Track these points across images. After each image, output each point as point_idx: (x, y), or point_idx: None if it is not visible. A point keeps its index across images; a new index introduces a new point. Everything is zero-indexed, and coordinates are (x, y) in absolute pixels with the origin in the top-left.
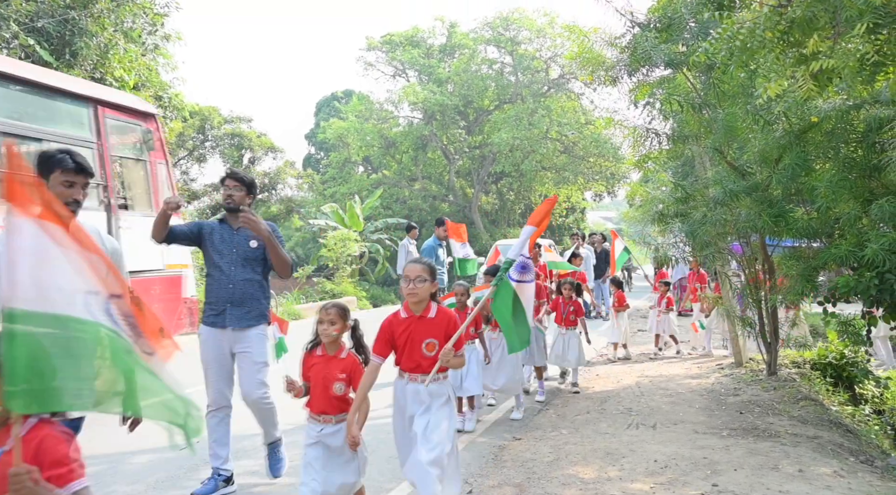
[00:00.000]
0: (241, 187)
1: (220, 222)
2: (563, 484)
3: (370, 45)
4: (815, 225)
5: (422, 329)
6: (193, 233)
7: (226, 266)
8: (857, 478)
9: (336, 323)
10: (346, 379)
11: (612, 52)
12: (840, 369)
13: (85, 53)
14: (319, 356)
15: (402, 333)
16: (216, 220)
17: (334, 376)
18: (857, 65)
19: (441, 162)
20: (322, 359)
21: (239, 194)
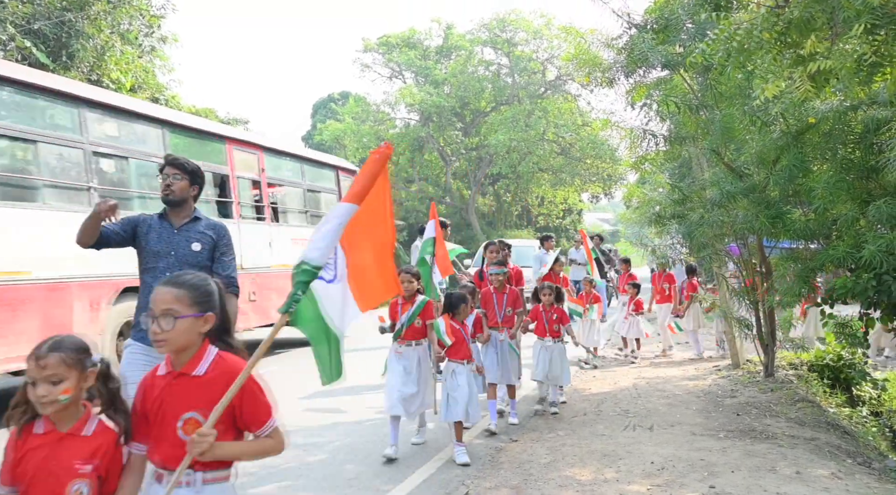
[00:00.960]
0: (181, 175)
1: (160, 218)
2: (560, 486)
3: (367, 46)
4: (812, 226)
5: (179, 395)
6: (127, 233)
7: (161, 271)
8: (854, 480)
9: (65, 378)
10: (94, 472)
11: (609, 53)
12: (837, 371)
13: (82, 55)
14: (41, 435)
15: (153, 400)
16: (156, 216)
17: (70, 468)
18: (854, 66)
19: (438, 163)
20: (47, 440)
21: (180, 184)
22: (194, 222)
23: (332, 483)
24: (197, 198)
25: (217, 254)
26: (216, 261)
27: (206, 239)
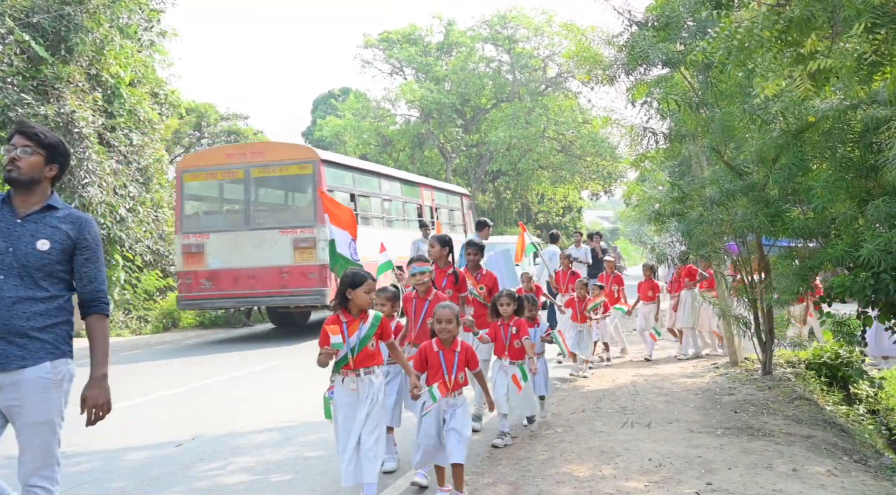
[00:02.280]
0: (32, 148)
1: (2, 203)
2: (558, 483)
3: (367, 42)
4: (811, 225)
5: None
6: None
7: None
8: (850, 477)
9: None
10: None
11: (610, 50)
12: (835, 369)
13: (80, 49)
14: None
15: None
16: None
17: None
18: (854, 64)
19: (438, 160)
20: None
21: (29, 159)
22: (47, 211)
23: (331, 477)
24: (55, 182)
25: (79, 259)
26: (76, 271)
27: (59, 235)
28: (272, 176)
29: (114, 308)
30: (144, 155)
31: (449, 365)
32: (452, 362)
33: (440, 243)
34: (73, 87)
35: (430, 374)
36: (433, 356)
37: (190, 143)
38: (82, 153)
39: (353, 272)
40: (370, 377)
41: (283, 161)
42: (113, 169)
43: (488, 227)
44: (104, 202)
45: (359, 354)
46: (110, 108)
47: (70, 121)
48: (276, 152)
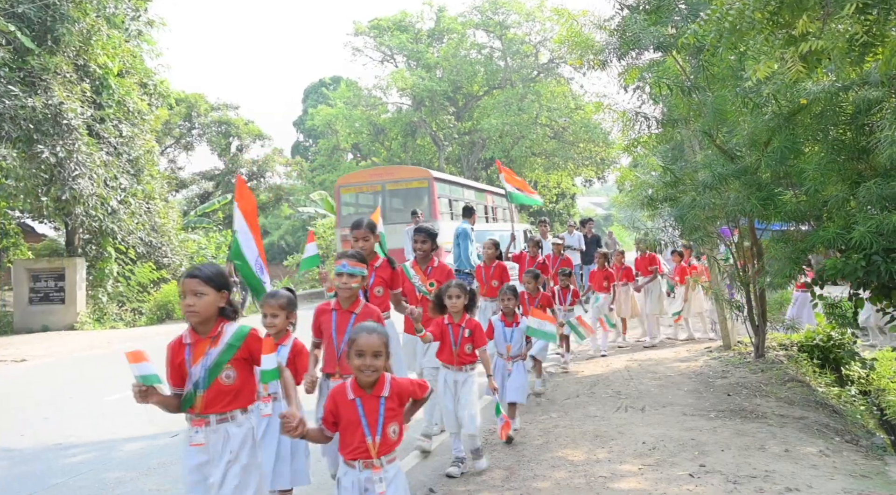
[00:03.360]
0: None
1: None
2: (553, 467)
3: (358, 30)
4: (803, 208)
5: None
6: None
7: None
8: (842, 457)
9: None
10: None
11: (601, 35)
12: (827, 351)
13: (67, 39)
14: None
15: None
16: None
17: None
18: (846, 46)
19: (430, 148)
20: None
21: None
22: None
23: None
24: None
25: None
26: None
27: None
28: (400, 188)
29: (107, 300)
30: (135, 146)
31: (456, 337)
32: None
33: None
34: (60, 78)
35: None
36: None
37: (180, 134)
38: (72, 145)
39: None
40: (228, 426)
41: (408, 178)
42: (103, 160)
43: (475, 214)
44: (95, 194)
45: (208, 391)
46: (99, 99)
47: (58, 112)
48: (403, 173)
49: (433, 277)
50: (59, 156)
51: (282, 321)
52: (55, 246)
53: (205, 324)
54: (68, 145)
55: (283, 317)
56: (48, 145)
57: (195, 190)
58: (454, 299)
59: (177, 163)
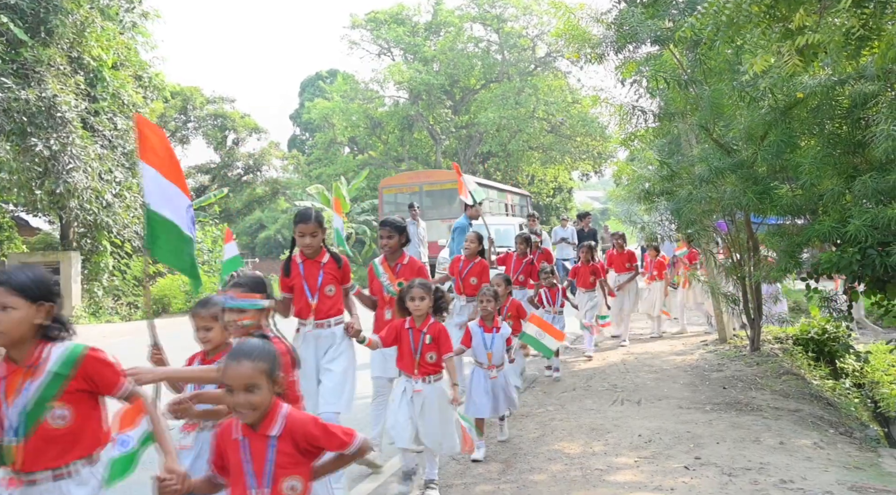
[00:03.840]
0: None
1: None
2: (549, 460)
3: (354, 23)
4: (799, 201)
5: None
6: None
7: None
8: (836, 449)
9: None
10: None
11: (599, 28)
12: (822, 344)
13: (61, 31)
14: None
15: None
16: None
17: None
18: (842, 39)
19: (427, 142)
20: None
21: None
22: None
23: None
24: None
25: None
26: None
27: None
28: (435, 189)
29: (103, 294)
30: (130, 139)
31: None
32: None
33: (397, 231)
34: (54, 70)
35: None
36: None
37: (176, 127)
38: (66, 138)
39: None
40: (65, 485)
41: (443, 180)
42: (98, 154)
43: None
44: (90, 187)
45: (29, 441)
46: (93, 92)
47: (52, 105)
48: (438, 176)
49: (402, 276)
50: (53, 149)
51: (217, 334)
52: (49, 239)
53: (17, 349)
54: (62, 138)
55: (217, 330)
56: (42, 138)
57: (191, 183)
58: (417, 301)
59: None
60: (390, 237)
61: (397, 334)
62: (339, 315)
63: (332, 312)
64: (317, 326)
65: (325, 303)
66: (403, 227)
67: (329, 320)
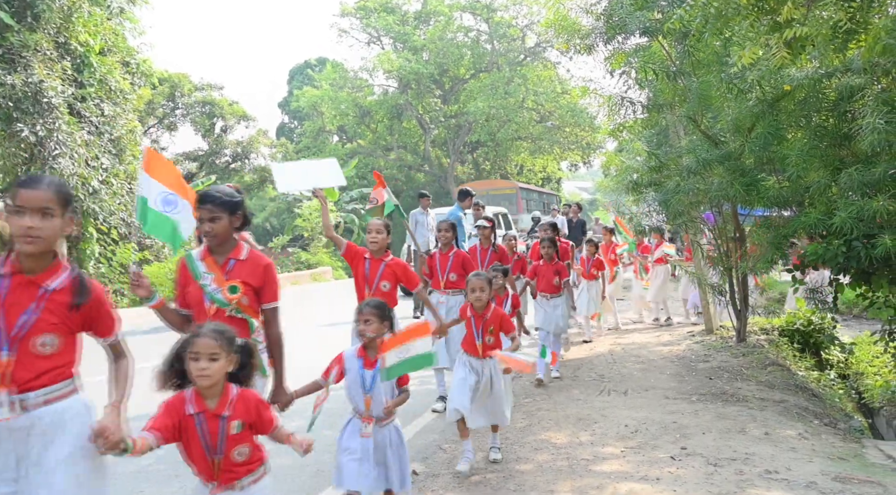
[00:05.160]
0: None
1: None
2: (536, 450)
3: (344, 11)
4: (786, 193)
5: None
6: None
7: None
8: (820, 440)
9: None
10: None
11: (588, 19)
12: (807, 335)
13: (47, 16)
14: None
15: None
16: None
17: None
18: (830, 32)
19: (416, 131)
20: None
21: None
22: None
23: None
24: None
25: None
26: None
27: None
28: (497, 194)
29: None
30: (117, 126)
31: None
32: None
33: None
34: (40, 55)
35: None
36: None
37: (164, 114)
38: (52, 124)
39: None
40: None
41: (502, 188)
42: (84, 140)
43: (471, 197)
44: (76, 174)
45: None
46: (80, 78)
47: (38, 90)
48: (498, 184)
49: (237, 276)
50: (39, 135)
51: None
52: None
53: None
54: (48, 124)
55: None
56: (28, 124)
57: (178, 170)
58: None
59: (160, 143)
60: (214, 219)
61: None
62: None
63: None
64: None
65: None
66: (236, 203)
67: None
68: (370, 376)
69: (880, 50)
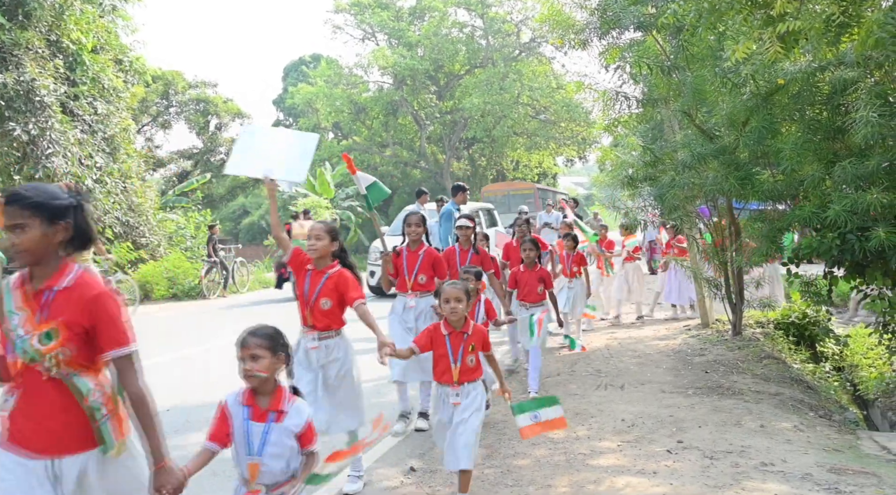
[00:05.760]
0: None
1: None
2: (533, 444)
3: (338, 7)
4: (780, 187)
5: None
6: None
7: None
8: (815, 432)
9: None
10: None
11: (582, 14)
12: (802, 328)
13: (39, 14)
14: None
15: None
16: None
17: None
18: (823, 26)
19: (412, 128)
20: None
21: None
22: None
23: None
24: None
25: None
26: None
27: None
28: (517, 194)
29: None
30: (110, 124)
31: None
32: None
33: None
34: (32, 53)
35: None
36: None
37: (157, 112)
38: (45, 123)
39: None
40: None
41: (522, 189)
42: (78, 139)
43: (465, 192)
44: (69, 173)
45: None
46: (73, 76)
47: (31, 89)
48: (519, 185)
49: (54, 315)
50: (31, 133)
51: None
52: None
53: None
54: (41, 123)
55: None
56: (20, 123)
57: (173, 169)
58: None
59: (154, 141)
60: (18, 228)
61: None
62: None
63: None
64: None
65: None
66: (57, 208)
67: None
68: (260, 433)
69: (873, 43)
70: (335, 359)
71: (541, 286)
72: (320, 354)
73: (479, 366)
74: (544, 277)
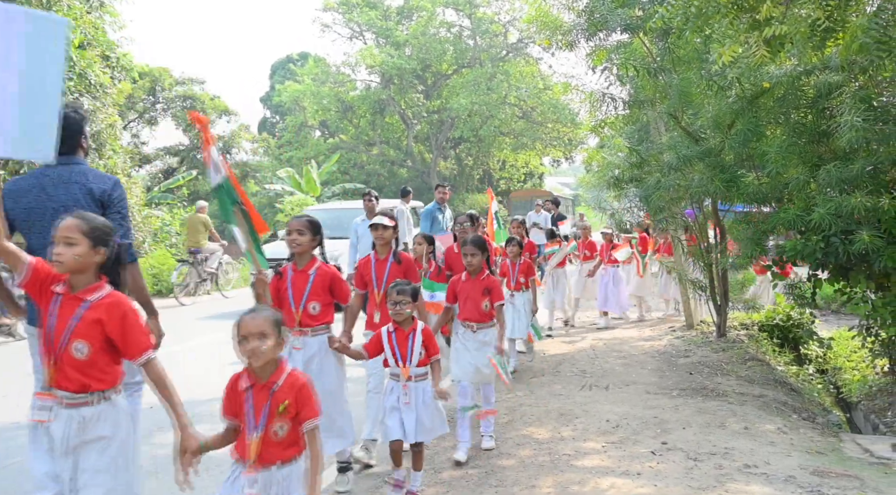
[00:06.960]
0: None
1: None
2: (518, 445)
3: (326, 5)
4: (765, 189)
5: None
6: None
7: None
8: (799, 434)
9: None
10: None
11: (570, 15)
12: (786, 330)
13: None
14: None
15: None
16: None
17: None
18: (808, 31)
19: (399, 127)
20: None
21: None
22: None
23: None
24: None
25: None
26: None
27: None
28: (532, 200)
29: None
30: (96, 120)
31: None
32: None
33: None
34: None
35: None
36: None
37: (144, 109)
38: None
39: None
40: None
41: (539, 195)
42: None
43: (445, 192)
44: None
45: None
46: None
47: None
48: (541, 192)
49: None
50: None
51: None
52: None
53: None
54: None
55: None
56: None
57: (159, 165)
58: None
59: (140, 138)
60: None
61: None
62: None
63: None
64: None
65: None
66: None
67: None
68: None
69: (857, 48)
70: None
71: (486, 300)
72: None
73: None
74: (491, 288)
